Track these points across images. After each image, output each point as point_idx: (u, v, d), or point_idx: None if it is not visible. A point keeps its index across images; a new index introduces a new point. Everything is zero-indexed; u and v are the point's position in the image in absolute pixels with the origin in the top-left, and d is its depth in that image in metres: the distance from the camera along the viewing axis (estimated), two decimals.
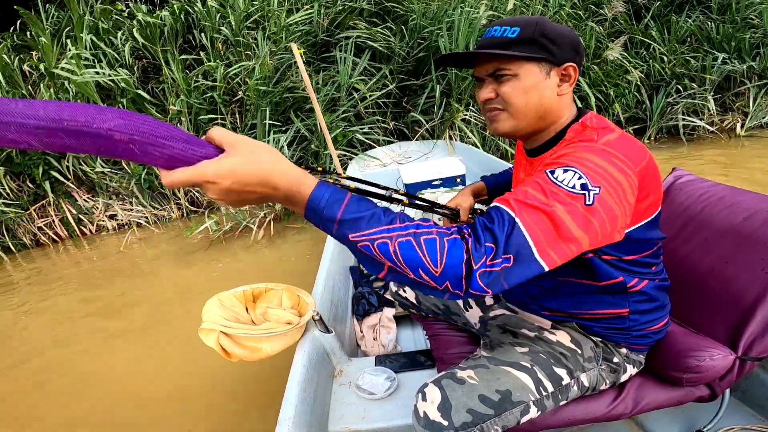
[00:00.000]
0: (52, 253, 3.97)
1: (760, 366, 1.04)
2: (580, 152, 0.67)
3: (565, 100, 0.80)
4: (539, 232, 0.57)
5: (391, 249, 0.55)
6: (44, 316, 2.75)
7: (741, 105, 4.09)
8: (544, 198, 0.60)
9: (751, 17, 4.12)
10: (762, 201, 0.91)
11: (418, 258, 0.55)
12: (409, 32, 3.92)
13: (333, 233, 0.57)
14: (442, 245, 0.55)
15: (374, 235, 0.56)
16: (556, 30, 0.76)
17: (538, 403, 0.79)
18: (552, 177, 0.63)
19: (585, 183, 0.61)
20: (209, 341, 1.08)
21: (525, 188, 0.63)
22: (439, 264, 0.55)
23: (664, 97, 4.02)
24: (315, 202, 0.56)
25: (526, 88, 0.76)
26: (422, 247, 0.55)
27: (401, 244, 0.55)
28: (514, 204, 0.60)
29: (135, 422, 1.68)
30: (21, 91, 4.26)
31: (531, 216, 0.58)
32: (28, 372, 2.13)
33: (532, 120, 0.79)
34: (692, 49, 4.15)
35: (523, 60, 0.75)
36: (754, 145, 3.77)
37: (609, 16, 4.28)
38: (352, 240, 0.56)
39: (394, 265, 0.56)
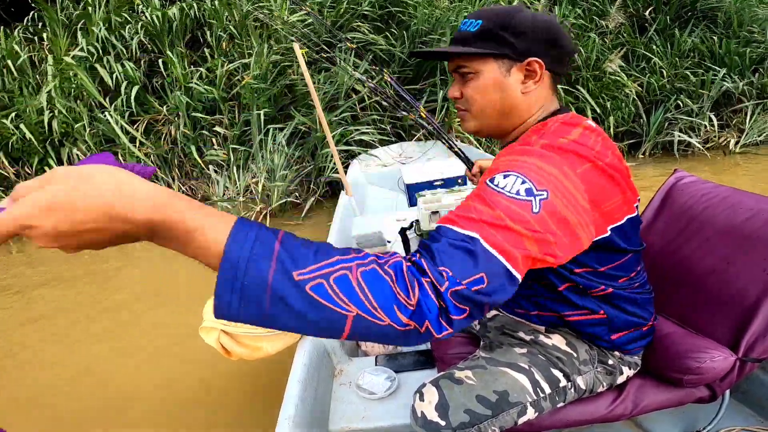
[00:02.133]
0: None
1: (760, 367, 1.04)
2: (516, 155, 0.61)
3: (532, 98, 0.73)
4: (503, 243, 0.50)
5: (353, 282, 0.41)
6: (38, 312, 2.74)
7: (738, 122, 4.08)
8: (490, 210, 0.53)
9: (755, 32, 4.10)
10: (763, 202, 0.91)
11: (389, 290, 0.42)
12: (411, 37, 3.93)
13: (268, 275, 0.39)
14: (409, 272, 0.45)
15: (327, 268, 0.41)
16: (524, 22, 0.69)
17: (536, 405, 0.79)
18: (492, 186, 0.56)
19: (531, 187, 0.55)
20: (210, 340, 1.09)
21: (466, 203, 0.56)
22: (412, 295, 0.43)
23: (662, 112, 4.01)
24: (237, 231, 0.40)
25: (486, 87, 0.73)
26: (390, 274, 0.43)
27: (365, 274, 0.42)
28: (461, 222, 0.52)
29: (134, 421, 1.66)
30: (28, 79, 4.28)
31: (485, 231, 0.50)
32: (27, 371, 2.14)
33: (494, 120, 0.76)
34: (694, 64, 4.13)
35: (482, 57, 0.71)
36: (747, 162, 3.78)
37: (610, 28, 4.26)
38: (297, 279, 0.40)
39: (362, 310, 0.41)
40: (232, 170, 3.87)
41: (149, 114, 4.11)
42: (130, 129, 4.00)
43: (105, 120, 3.93)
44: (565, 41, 0.72)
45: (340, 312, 0.41)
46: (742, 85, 3.92)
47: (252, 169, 3.82)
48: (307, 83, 2.40)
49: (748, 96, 4.00)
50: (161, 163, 4.17)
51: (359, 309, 0.41)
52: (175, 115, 4.02)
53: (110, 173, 0.38)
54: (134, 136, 4.02)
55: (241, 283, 0.39)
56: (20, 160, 4.08)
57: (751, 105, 3.98)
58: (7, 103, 4.16)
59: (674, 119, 4.03)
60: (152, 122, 4.15)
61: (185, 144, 4.01)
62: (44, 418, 1.77)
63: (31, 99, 4.09)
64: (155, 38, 4.17)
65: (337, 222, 2.18)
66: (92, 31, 4.16)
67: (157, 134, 4.14)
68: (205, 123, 4.00)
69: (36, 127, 3.96)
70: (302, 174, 3.82)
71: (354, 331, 0.42)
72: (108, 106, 3.98)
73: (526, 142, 0.65)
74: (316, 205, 3.76)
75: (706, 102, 4.00)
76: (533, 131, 0.70)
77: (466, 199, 0.57)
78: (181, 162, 4.21)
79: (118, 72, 4.01)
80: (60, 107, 3.96)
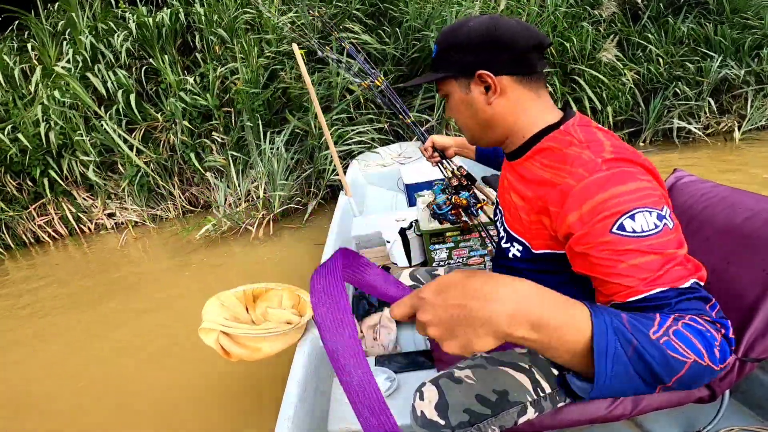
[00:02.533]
0: (50, 251, 4.01)
1: (760, 367, 1.04)
2: (610, 187, 0.57)
3: (504, 108, 0.72)
4: (690, 269, 0.56)
5: (686, 334, 0.48)
6: (39, 313, 2.75)
7: (738, 107, 4.07)
8: (660, 257, 0.54)
9: (750, 18, 4.09)
10: (763, 201, 0.90)
11: (709, 337, 0.49)
12: (404, 34, 3.92)
13: (632, 338, 0.46)
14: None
15: (664, 326, 0.48)
16: (467, 35, 0.69)
17: (536, 404, 0.79)
18: (627, 233, 0.55)
19: (658, 214, 0.56)
20: (209, 341, 1.08)
21: (633, 263, 0.55)
22: (717, 336, 0.50)
23: (660, 100, 4.01)
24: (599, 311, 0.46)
25: (456, 106, 0.76)
26: (702, 325, 0.50)
27: (687, 327, 0.49)
28: (651, 283, 0.54)
29: (133, 422, 1.67)
30: (21, 91, 4.27)
31: (672, 274, 0.54)
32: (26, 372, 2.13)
33: (479, 133, 0.77)
34: (690, 51, 4.13)
35: (442, 80, 0.74)
36: (750, 147, 3.76)
37: (603, 17, 4.26)
38: (653, 338, 0.46)
39: (697, 355, 0.47)
40: (231, 176, 3.85)
41: (147, 121, 4.09)
42: (129, 137, 3.99)
43: (103, 129, 3.92)
44: (515, 39, 0.68)
45: (681, 360, 0.46)
46: (741, 71, 3.91)
47: (252, 175, 3.80)
48: (306, 83, 2.40)
49: (748, 82, 3.99)
50: (161, 171, 4.16)
51: (696, 356, 0.47)
52: (172, 122, 4.01)
53: (492, 279, 0.43)
54: (132, 145, 4.01)
55: (616, 350, 0.44)
56: (21, 174, 4.08)
57: (752, 91, 3.98)
58: (3, 116, 4.14)
59: (673, 106, 4.02)
60: (150, 130, 4.14)
61: (183, 151, 4.00)
62: (44, 419, 1.77)
63: (26, 111, 4.08)
64: (145, 44, 4.14)
65: (337, 222, 2.18)
66: (79, 39, 4.12)
67: (156, 141, 4.13)
68: (203, 129, 3.99)
69: (34, 139, 3.96)
70: (302, 177, 3.82)
71: (684, 376, 0.47)
72: (103, 114, 3.96)
73: (594, 167, 0.60)
74: (317, 208, 3.76)
75: (705, 88, 3.99)
76: (562, 141, 0.67)
77: (613, 261, 0.56)
78: (181, 169, 4.21)
79: (110, 80, 3.98)
80: (55, 118, 3.95)
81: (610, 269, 0.56)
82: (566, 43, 3.97)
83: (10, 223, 4.10)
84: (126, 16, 4.37)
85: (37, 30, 4.41)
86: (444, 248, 1.60)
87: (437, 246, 1.60)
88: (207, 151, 4.01)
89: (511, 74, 0.70)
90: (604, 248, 0.56)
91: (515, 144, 0.77)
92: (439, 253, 1.61)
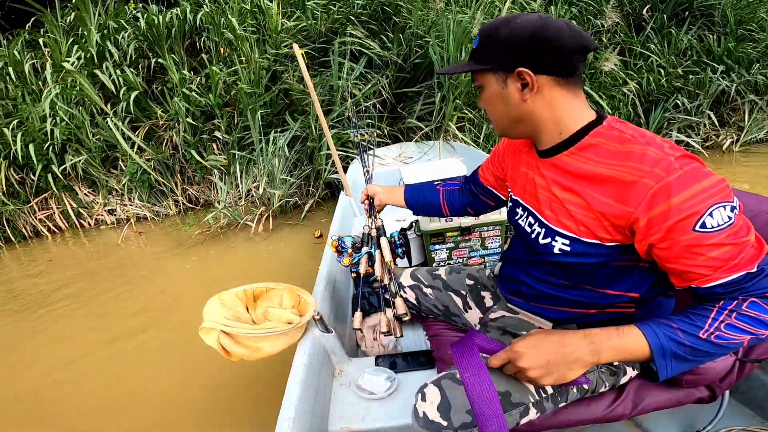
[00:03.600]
0: (51, 245, 4.03)
1: (760, 367, 1.04)
2: (690, 186, 0.61)
3: (538, 105, 0.73)
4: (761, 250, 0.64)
5: (737, 325, 0.63)
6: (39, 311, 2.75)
7: (737, 119, 4.07)
8: (736, 248, 0.62)
9: (755, 30, 4.09)
10: (763, 203, 0.91)
11: (760, 320, 0.63)
12: (406, 40, 3.94)
13: (684, 341, 0.65)
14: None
15: (715, 323, 0.64)
16: (512, 31, 0.70)
17: (538, 405, 0.79)
18: (708, 230, 0.61)
19: (731, 206, 0.61)
20: (209, 340, 1.08)
21: (713, 255, 0.62)
22: None
23: (661, 111, 4.00)
24: (651, 330, 0.67)
25: (491, 99, 0.77)
26: (755, 313, 0.63)
27: (739, 317, 0.63)
28: (728, 270, 0.63)
29: (133, 423, 1.66)
30: (31, 86, 4.32)
31: (745, 259, 0.62)
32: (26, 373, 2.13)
33: (509, 127, 0.79)
34: (693, 62, 4.13)
35: (481, 72, 0.75)
36: (747, 160, 3.78)
37: (606, 27, 4.26)
38: (703, 337, 0.64)
39: (752, 335, 0.64)
40: (234, 175, 3.89)
41: (151, 120, 4.13)
42: (132, 135, 4.02)
43: (107, 126, 3.95)
44: (559, 40, 0.69)
45: (736, 342, 0.64)
46: (739, 83, 3.91)
47: (253, 172, 3.83)
48: (307, 84, 2.40)
49: (747, 94, 4.00)
50: (163, 169, 4.19)
51: (749, 336, 0.64)
52: (175, 121, 4.03)
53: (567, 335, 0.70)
54: (134, 142, 4.03)
55: (673, 353, 0.66)
56: (25, 168, 4.12)
57: (749, 102, 3.98)
58: (10, 110, 4.19)
59: (673, 118, 4.03)
60: (153, 128, 4.17)
61: (186, 149, 4.03)
62: (44, 420, 1.76)
63: (34, 106, 4.12)
64: (154, 44, 4.17)
65: (337, 222, 2.18)
66: (90, 37, 4.16)
67: (159, 139, 4.16)
68: (205, 128, 4.02)
69: (39, 134, 3.99)
70: (302, 177, 3.84)
71: (749, 345, 0.70)
72: (109, 111, 4.00)
73: (669, 167, 0.63)
74: (315, 206, 3.80)
75: (704, 101, 4.00)
76: (613, 138, 0.70)
77: (695, 254, 0.62)
78: (183, 167, 4.23)
79: (117, 77, 4.02)
80: (62, 114, 3.99)
81: (691, 261, 0.63)
82: None
83: (10, 216, 4.14)
84: (137, 15, 4.40)
85: (51, 27, 4.46)
86: (444, 248, 1.60)
87: (437, 246, 1.60)
88: (209, 150, 4.02)
89: (550, 74, 0.71)
90: (687, 244, 0.62)
91: (551, 141, 0.77)
92: (439, 253, 1.61)
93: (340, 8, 4.04)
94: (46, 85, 4.22)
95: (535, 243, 0.82)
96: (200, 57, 4.28)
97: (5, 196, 4.04)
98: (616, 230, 0.68)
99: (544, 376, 0.67)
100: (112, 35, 4.23)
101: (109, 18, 4.35)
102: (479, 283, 1.14)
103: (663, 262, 0.67)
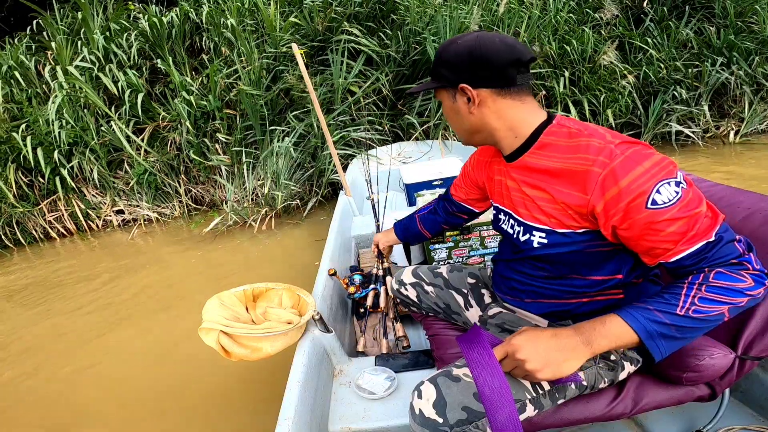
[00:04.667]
0: (59, 247, 4.09)
1: (760, 366, 1.04)
2: (633, 168, 0.67)
3: (486, 116, 0.80)
4: (713, 221, 0.67)
5: (710, 297, 0.66)
6: (43, 310, 2.76)
7: (738, 111, 4.07)
8: (687, 221, 0.66)
9: (754, 22, 4.08)
10: (761, 200, 0.91)
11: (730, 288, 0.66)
12: (404, 37, 3.94)
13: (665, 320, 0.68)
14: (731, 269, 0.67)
15: (689, 298, 0.66)
16: (454, 52, 0.78)
17: (535, 402, 0.79)
18: (658, 206, 0.65)
19: (675, 182, 0.66)
20: (209, 340, 1.08)
21: (670, 231, 0.66)
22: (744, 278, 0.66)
23: (660, 103, 4.00)
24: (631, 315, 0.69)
25: (447, 112, 0.87)
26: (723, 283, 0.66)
27: (709, 289, 0.66)
28: (688, 242, 0.67)
29: (133, 423, 1.68)
30: (36, 89, 4.36)
31: (701, 229, 0.66)
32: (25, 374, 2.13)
33: (468, 137, 0.87)
34: (693, 55, 4.12)
35: (436, 89, 0.85)
36: (747, 151, 3.76)
37: (605, 20, 4.25)
38: (681, 314, 0.66)
39: (728, 304, 0.66)
40: (238, 175, 3.92)
41: (155, 121, 4.15)
42: (135, 138, 4.06)
43: (111, 130, 3.98)
44: (491, 57, 0.75)
45: (716, 314, 0.66)
46: (740, 75, 3.90)
47: (258, 174, 3.85)
48: (306, 84, 2.40)
49: (742, 85, 3.98)
50: (167, 170, 4.22)
51: (726, 305, 0.66)
52: (178, 122, 4.05)
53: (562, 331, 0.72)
54: (139, 145, 4.07)
55: (659, 333, 0.68)
56: (32, 171, 4.15)
57: (749, 94, 3.97)
58: (16, 114, 4.23)
59: (671, 110, 4.01)
60: (157, 129, 4.20)
61: (189, 151, 4.05)
62: (44, 422, 1.77)
63: (40, 110, 4.15)
64: (155, 45, 4.19)
65: (337, 222, 2.18)
66: (93, 39, 4.19)
67: (164, 140, 4.20)
68: (208, 129, 4.03)
69: (47, 137, 4.04)
70: (305, 176, 3.86)
71: (731, 313, 0.67)
72: (113, 114, 4.03)
73: (609, 153, 0.69)
74: (317, 205, 3.83)
75: (704, 92, 3.98)
76: (562, 134, 0.77)
77: (654, 231, 0.67)
78: (187, 168, 4.26)
79: (122, 80, 4.05)
80: (68, 117, 4.02)
81: (653, 237, 0.68)
82: (567, 47, 3.98)
83: (20, 218, 4.19)
84: (137, 16, 4.42)
85: (52, 30, 4.50)
86: (444, 248, 1.60)
87: (437, 246, 1.60)
88: (212, 150, 4.05)
89: (490, 87, 0.78)
90: (644, 222, 0.67)
91: (512, 146, 0.84)
92: (439, 252, 1.61)
93: (337, 6, 4.04)
94: (51, 90, 4.25)
95: (517, 241, 0.88)
96: (201, 57, 4.29)
97: (15, 199, 4.08)
98: (581, 218, 0.74)
99: (542, 368, 0.69)
100: (116, 38, 4.26)
101: (113, 20, 4.37)
102: (480, 281, 1.15)
103: (629, 242, 0.71)
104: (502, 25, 4.00)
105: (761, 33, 3.96)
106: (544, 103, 3.98)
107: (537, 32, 4.03)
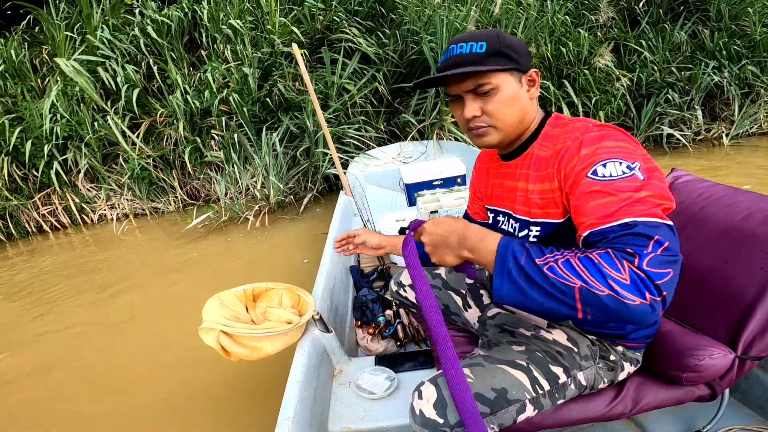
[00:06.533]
0: (53, 241, 4.06)
1: (760, 366, 1.04)
2: (598, 142, 0.70)
3: (535, 104, 0.85)
4: (646, 210, 0.61)
5: (574, 264, 0.58)
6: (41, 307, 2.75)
7: (729, 114, 4.08)
8: (616, 197, 0.63)
9: (748, 25, 4.10)
10: (761, 200, 0.91)
11: (598, 267, 0.57)
12: (402, 36, 3.95)
13: (521, 261, 0.62)
14: (613, 256, 0.58)
15: (556, 256, 0.61)
16: (513, 40, 0.79)
17: (535, 402, 0.79)
18: (597, 177, 0.66)
19: (627, 164, 0.66)
20: (209, 340, 1.08)
21: (594, 203, 0.64)
22: (622, 269, 0.56)
23: (652, 106, 4.01)
24: (504, 242, 0.66)
25: (509, 100, 0.79)
26: (597, 259, 0.58)
27: (581, 259, 0.59)
28: (602, 220, 0.63)
29: (133, 423, 1.66)
30: (30, 83, 4.33)
31: (623, 214, 0.62)
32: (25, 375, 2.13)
33: (514, 128, 0.83)
34: (686, 58, 4.13)
35: (499, 72, 0.77)
36: (737, 154, 3.78)
37: (600, 22, 4.27)
38: (538, 263, 0.60)
39: (583, 282, 0.57)
40: (232, 170, 3.92)
41: (151, 116, 4.14)
42: (130, 134, 4.04)
43: (107, 125, 3.96)
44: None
45: (567, 284, 0.58)
46: (730, 78, 3.92)
47: (250, 170, 3.87)
48: (307, 84, 2.40)
49: (737, 88, 4.00)
50: (163, 165, 4.21)
51: (581, 281, 0.57)
52: (174, 118, 4.05)
53: (460, 222, 0.73)
54: (134, 141, 4.05)
55: (508, 269, 0.63)
56: (26, 164, 4.13)
57: (739, 97, 3.99)
58: (10, 108, 4.19)
59: (664, 113, 4.04)
60: (154, 124, 4.18)
61: (185, 146, 4.04)
62: (44, 423, 1.76)
63: (35, 104, 4.12)
64: (154, 41, 4.19)
65: (337, 222, 2.18)
66: (94, 35, 4.18)
67: (160, 136, 4.18)
68: (204, 126, 4.03)
69: (40, 131, 4.00)
70: (299, 173, 3.87)
71: (584, 302, 0.57)
72: (109, 109, 4.00)
73: (585, 129, 0.74)
74: (313, 201, 3.84)
75: (696, 95, 4.00)
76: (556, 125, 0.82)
77: (583, 201, 0.66)
78: (182, 163, 4.25)
79: (120, 75, 4.03)
80: (63, 111, 3.99)
81: (581, 207, 0.67)
82: (563, 48, 3.99)
83: (14, 212, 4.18)
84: (136, 12, 4.42)
85: (48, 25, 4.46)
86: None
87: None
88: (207, 146, 4.05)
89: None
90: (580, 190, 0.68)
91: (520, 141, 0.86)
92: None
93: (337, 5, 4.04)
94: (45, 83, 4.23)
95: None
96: (199, 53, 4.30)
97: (8, 191, 4.06)
98: (565, 197, 0.75)
99: (432, 253, 0.75)
100: (116, 36, 4.24)
101: (114, 15, 4.36)
102: (478, 282, 1.15)
103: (572, 215, 0.71)
104: (499, 26, 4.02)
105: (752, 36, 3.98)
106: (538, 104, 4.00)
107: (534, 33, 4.04)
